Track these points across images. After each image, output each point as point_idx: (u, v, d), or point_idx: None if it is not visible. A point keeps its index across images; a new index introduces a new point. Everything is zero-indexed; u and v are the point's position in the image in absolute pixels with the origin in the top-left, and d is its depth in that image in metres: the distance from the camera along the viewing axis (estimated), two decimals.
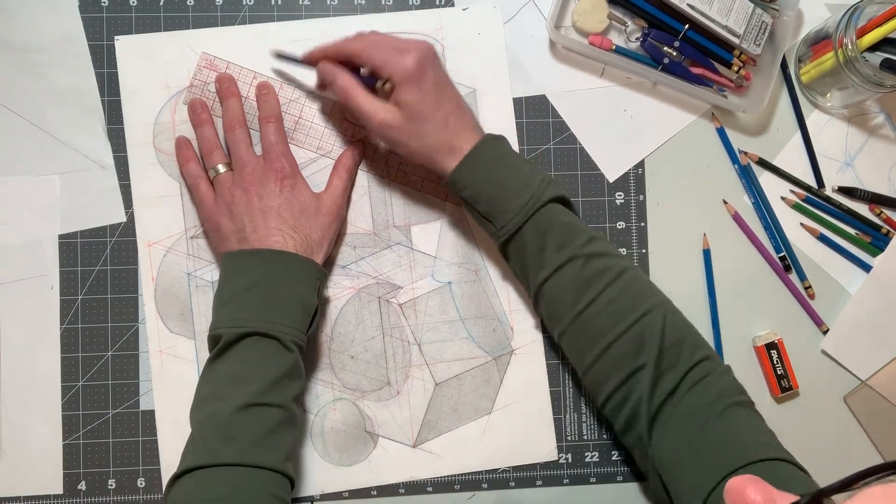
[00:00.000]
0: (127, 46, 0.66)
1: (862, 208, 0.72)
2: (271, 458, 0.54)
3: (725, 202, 0.71)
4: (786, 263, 0.71)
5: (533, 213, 0.59)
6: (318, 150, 0.67)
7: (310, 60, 0.64)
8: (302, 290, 0.59)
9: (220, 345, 0.57)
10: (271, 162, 0.62)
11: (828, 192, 0.72)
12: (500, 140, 0.61)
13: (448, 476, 0.67)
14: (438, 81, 0.59)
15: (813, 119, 0.72)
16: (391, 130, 0.59)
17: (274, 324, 0.57)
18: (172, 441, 0.65)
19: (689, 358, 0.56)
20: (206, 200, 0.62)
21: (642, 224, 0.70)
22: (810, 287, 0.71)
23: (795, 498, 0.31)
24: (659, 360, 0.56)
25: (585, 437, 0.68)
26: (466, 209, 0.63)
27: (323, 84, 0.64)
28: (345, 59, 0.61)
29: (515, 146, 0.69)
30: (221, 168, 0.62)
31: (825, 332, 0.71)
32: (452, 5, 0.69)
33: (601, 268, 0.58)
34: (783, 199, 0.71)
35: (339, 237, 0.67)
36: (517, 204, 0.59)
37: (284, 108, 0.67)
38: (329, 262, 0.67)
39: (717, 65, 0.70)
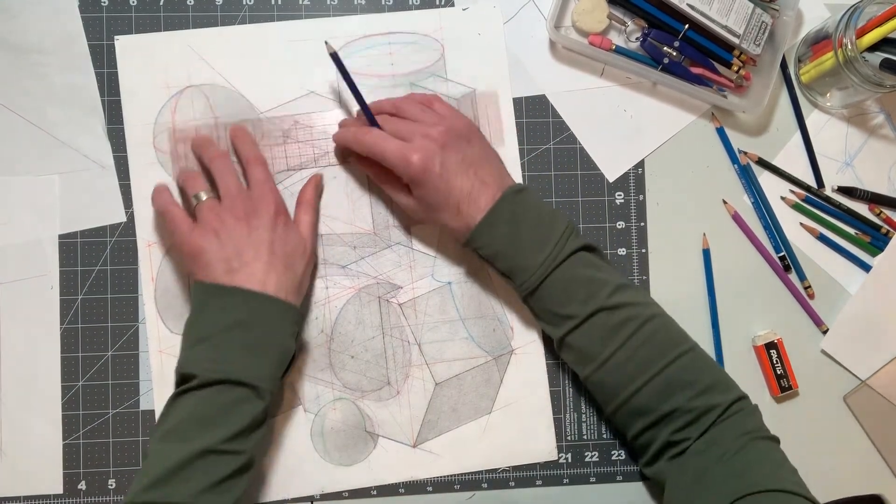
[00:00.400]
0: (127, 46, 0.66)
1: (862, 208, 0.72)
2: (220, 502, 0.53)
3: (725, 202, 0.71)
4: (785, 263, 0.71)
5: (553, 269, 0.59)
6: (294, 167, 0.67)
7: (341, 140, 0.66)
8: (283, 336, 0.59)
9: (194, 384, 0.55)
10: (263, 195, 0.61)
11: (827, 191, 0.72)
12: (520, 193, 0.60)
13: (448, 476, 0.67)
14: (447, 174, 0.59)
15: (813, 119, 0.72)
16: (410, 212, 0.64)
17: (252, 371, 0.56)
18: None
19: (723, 399, 0.57)
20: (182, 224, 0.60)
21: (642, 224, 0.70)
22: (810, 287, 0.71)
23: None
24: (693, 404, 0.57)
25: (585, 437, 0.68)
26: (487, 264, 0.63)
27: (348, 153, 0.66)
28: (362, 151, 0.63)
29: (515, 146, 0.69)
30: (204, 195, 0.61)
31: (825, 332, 0.71)
32: (452, 5, 0.69)
33: (627, 317, 0.59)
34: (783, 198, 0.71)
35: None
36: (536, 261, 0.59)
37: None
38: (329, 261, 0.67)
39: (716, 65, 0.70)
